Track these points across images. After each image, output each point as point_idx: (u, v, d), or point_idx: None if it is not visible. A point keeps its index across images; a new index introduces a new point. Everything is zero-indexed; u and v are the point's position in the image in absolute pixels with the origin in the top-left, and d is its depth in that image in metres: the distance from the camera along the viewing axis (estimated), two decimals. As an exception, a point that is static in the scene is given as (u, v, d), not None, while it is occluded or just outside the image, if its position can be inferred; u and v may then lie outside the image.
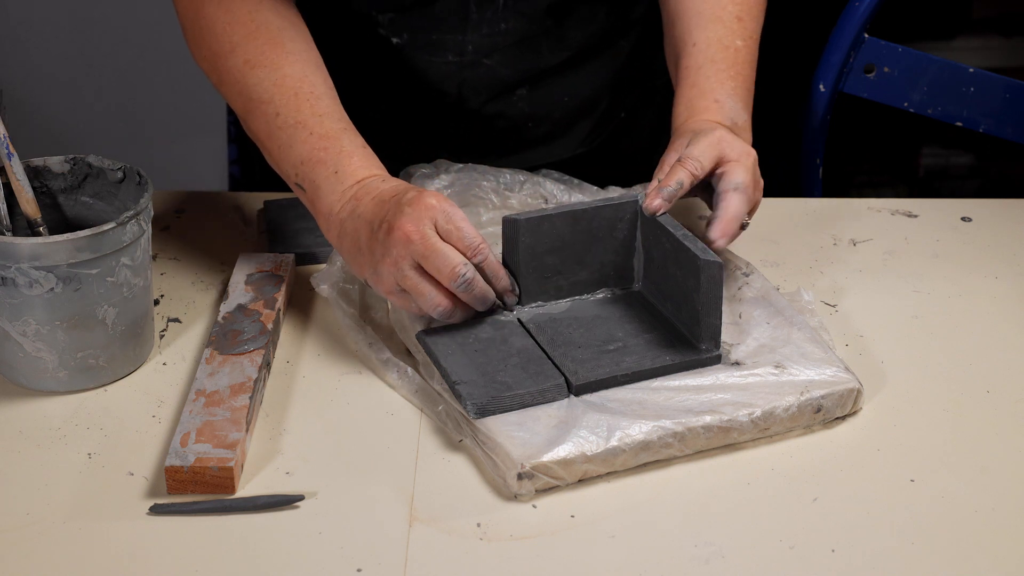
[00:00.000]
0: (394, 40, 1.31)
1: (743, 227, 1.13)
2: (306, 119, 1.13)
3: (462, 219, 1.06)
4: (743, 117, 1.20)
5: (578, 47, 1.36)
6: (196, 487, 0.97)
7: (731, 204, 1.12)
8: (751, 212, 1.16)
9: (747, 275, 1.17)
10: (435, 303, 1.06)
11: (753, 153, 1.14)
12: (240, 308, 1.14)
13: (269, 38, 1.16)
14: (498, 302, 1.10)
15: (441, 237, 1.05)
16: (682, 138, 1.15)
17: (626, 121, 1.44)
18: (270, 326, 1.12)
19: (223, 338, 1.10)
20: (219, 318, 1.13)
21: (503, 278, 1.09)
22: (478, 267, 1.07)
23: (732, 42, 1.22)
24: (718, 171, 1.13)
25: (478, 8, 1.29)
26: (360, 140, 1.15)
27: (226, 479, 0.97)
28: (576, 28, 1.35)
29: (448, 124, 1.36)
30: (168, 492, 0.97)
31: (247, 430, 1.01)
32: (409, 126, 1.37)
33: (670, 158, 1.14)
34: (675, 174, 1.11)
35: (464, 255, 1.05)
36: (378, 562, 0.92)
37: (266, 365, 1.09)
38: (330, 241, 1.13)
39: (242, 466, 1.00)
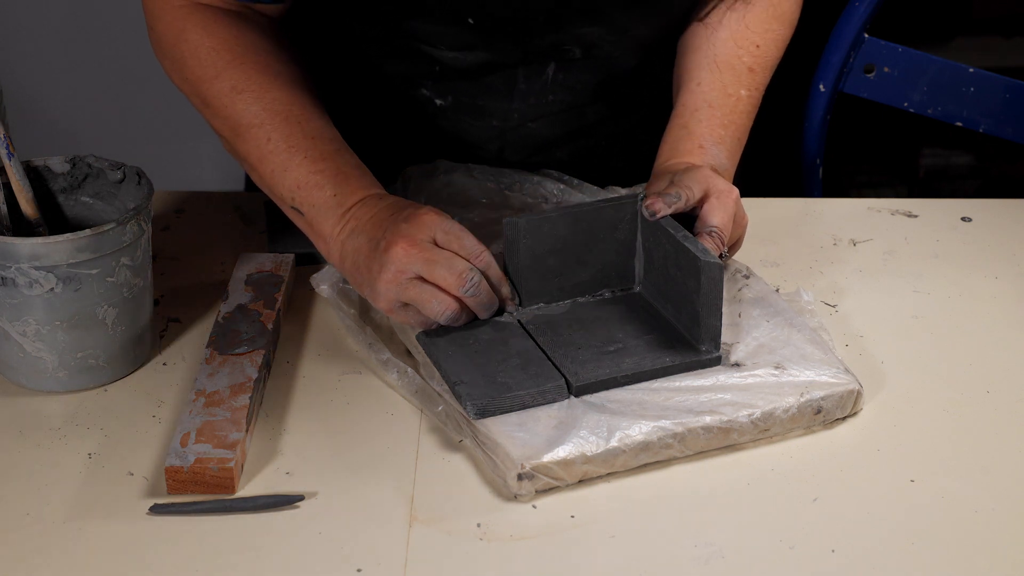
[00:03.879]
0: (437, 102, 1.29)
1: (722, 257, 1.12)
2: (299, 142, 1.12)
3: (462, 229, 1.06)
4: (725, 166, 1.19)
5: (626, 104, 1.34)
6: (196, 487, 0.97)
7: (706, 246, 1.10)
8: (735, 247, 1.16)
9: (747, 277, 1.17)
10: (443, 307, 1.06)
11: (735, 191, 1.13)
12: (240, 308, 1.14)
13: (256, 62, 1.15)
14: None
15: (442, 248, 1.05)
16: (662, 179, 1.15)
17: (653, 144, 1.43)
18: (270, 326, 1.12)
19: (223, 338, 1.10)
20: (219, 318, 1.13)
21: (506, 285, 1.10)
22: (482, 273, 1.07)
23: (736, 91, 1.21)
24: (701, 208, 1.12)
25: (526, 80, 1.26)
26: (355, 159, 1.14)
27: (226, 479, 0.97)
28: (625, 93, 1.32)
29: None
30: (168, 492, 0.97)
31: (247, 430, 1.01)
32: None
33: (654, 190, 1.13)
34: (673, 188, 1.11)
35: (468, 261, 1.05)
36: (378, 562, 0.92)
37: (266, 365, 1.09)
38: (332, 264, 1.13)
39: (242, 466, 1.00)
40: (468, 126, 1.31)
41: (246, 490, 0.98)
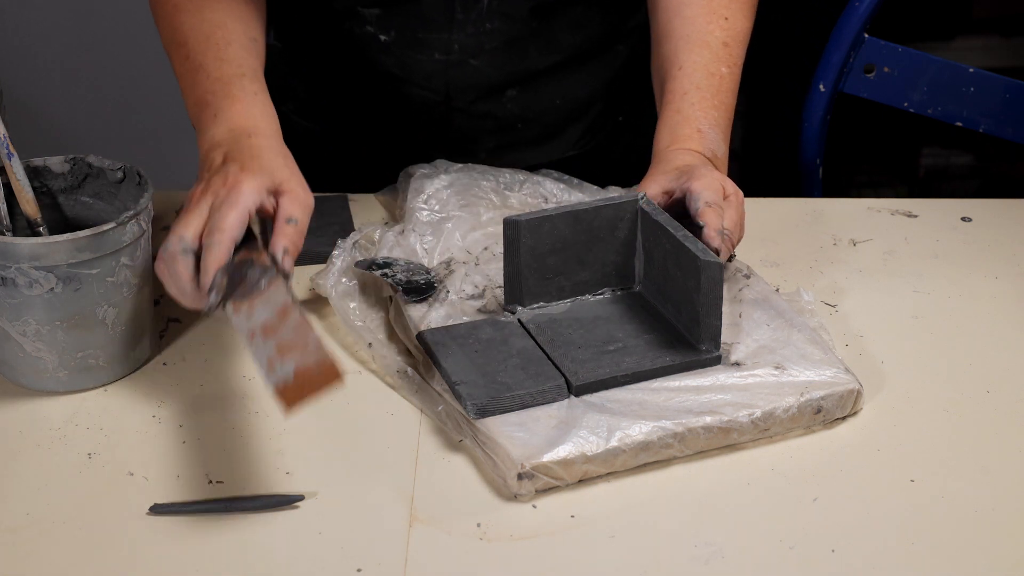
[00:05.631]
0: (381, 37, 1.32)
1: (731, 259, 1.12)
2: (207, 63, 1.13)
3: (232, 206, 1.00)
4: (722, 149, 1.21)
5: (569, 51, 1.37)
6: (308, 390, 0.95)
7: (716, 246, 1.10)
8: (733, 246, 1.16)
9: (747, 276, 1.17)
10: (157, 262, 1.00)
11: (741, 193, 1.14)
12: (234, 265, 1.08)
13: None
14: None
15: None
16: (665, 165, 1.16)
17: (624, 124, 1.44)
18: (268, 259, 1.05)
19: (236, 288, 1.04)
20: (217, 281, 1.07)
21: (211, 277, 0.99)
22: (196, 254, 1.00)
23: (717, 69, 1.22)
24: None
25: (463, 8, 1.30)
26: (255, 88, 1.12)
27: (330, 371, 0.95)
28: (565, 31, 1.35)
29: (436, 122, 1.36)
30: (287, 410, 0.94)
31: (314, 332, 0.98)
32: (398, 124, 1.37)
33: (656, 184, 1.14)
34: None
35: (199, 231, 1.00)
36: (378, 562, 0.92)
37: (289, 291, 1.03)
38: None
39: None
40: (412, 62, 1.33)
41: (246, 490, 0.98)
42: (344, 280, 1.16)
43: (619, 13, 1.37)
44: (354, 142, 1.21)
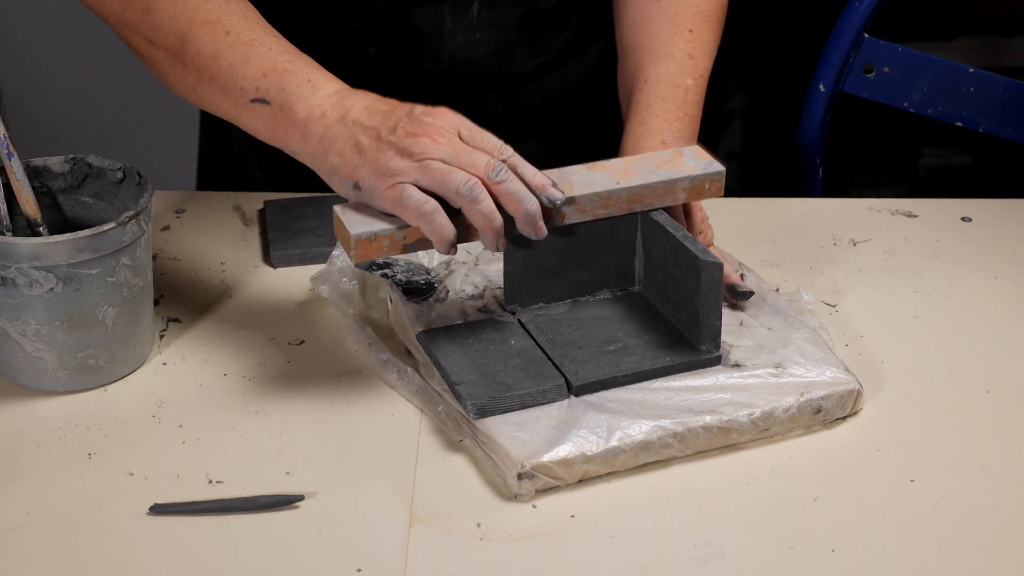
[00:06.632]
0: (370, 50, 1.32)
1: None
2: (262, 37, 1.09)
3: (482, 129, 1.04)
4: None
5: (552, 54, 1.38)
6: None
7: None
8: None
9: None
10: (466, 178, 1.01)
11: (700, 203, 1.16)
12: None
13: None
14: (541, 205, 1.04)
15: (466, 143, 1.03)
16: None
17: (595, 118, 1.45)
18: None
19: None
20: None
21: (536, 174, 1.05)
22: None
23: (683, 80, 1.22)
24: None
25: (452, 18, 1.30)
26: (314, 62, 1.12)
27: None
28: (550, 35, 1.36)
29: None
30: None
31: None
32: None
33: None
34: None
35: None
36: (378, 562, 0.92)
37: None
38: (307, 149, 1.06)
39: None
40: (401, 73, 1.32)
41: (246, 490, 0.98)
42: (344, 280, 1.16)
43: (596, 12, 1.38)
44: None
